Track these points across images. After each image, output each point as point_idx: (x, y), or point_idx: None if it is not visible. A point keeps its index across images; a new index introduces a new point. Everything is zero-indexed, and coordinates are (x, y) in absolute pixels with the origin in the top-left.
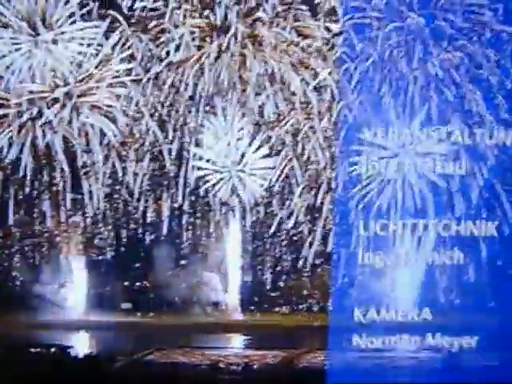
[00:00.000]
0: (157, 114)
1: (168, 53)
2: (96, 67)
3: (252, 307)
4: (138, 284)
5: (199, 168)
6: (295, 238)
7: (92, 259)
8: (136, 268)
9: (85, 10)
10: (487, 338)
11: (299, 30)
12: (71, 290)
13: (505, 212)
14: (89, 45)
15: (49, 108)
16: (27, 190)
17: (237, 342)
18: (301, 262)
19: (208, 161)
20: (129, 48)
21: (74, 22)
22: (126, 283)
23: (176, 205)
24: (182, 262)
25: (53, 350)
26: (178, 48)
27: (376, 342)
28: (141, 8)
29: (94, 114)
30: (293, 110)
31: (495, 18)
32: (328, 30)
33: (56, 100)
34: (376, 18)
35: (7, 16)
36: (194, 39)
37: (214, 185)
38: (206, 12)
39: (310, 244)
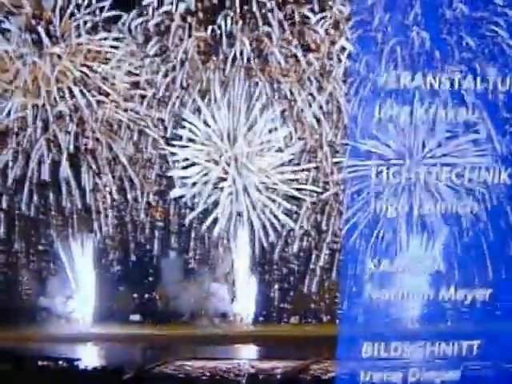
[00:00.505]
0: (162, 127)
1: (174, 67)
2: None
3: (261, 318)
4: (146, 296)
5: (206, 182)
6: (303, 250)
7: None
8: (145, 280)
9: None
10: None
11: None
12: (79, 302)
13: None
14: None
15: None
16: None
17: (245, 353)
18: (309, 274)
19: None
20: (134, 62)
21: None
22: (135, 295)
23: (184, 219)
24: (191, 273)
25: (61, 362)
26: (182, 62)
27: None
28: (145, 22)
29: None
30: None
31: None
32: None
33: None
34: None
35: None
36: (199, 53)
37: (221, 197)
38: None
39: (317, 256)
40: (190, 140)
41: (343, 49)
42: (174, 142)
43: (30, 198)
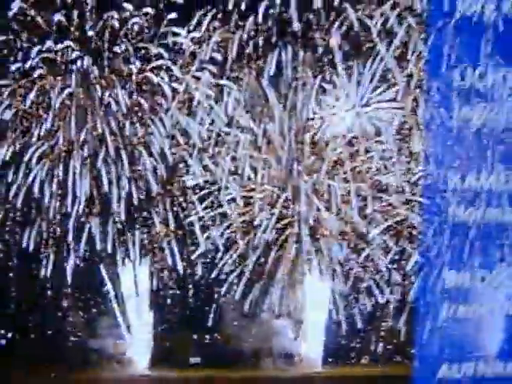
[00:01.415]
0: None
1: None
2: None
3: (329, 358)
4: (207, 337)
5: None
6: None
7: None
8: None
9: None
10: None
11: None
12: (135, 344)
13: None
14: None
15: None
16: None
17: None
18: (379, 312)
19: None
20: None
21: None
22: (195, 336)
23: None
24: (254, 313)
25: None
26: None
27: None
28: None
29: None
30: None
31: None
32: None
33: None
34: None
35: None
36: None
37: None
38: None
39: (390, 290)
40: (249, 178)
41: (411, 76)
42: (233, 177)
43: (78, 237)
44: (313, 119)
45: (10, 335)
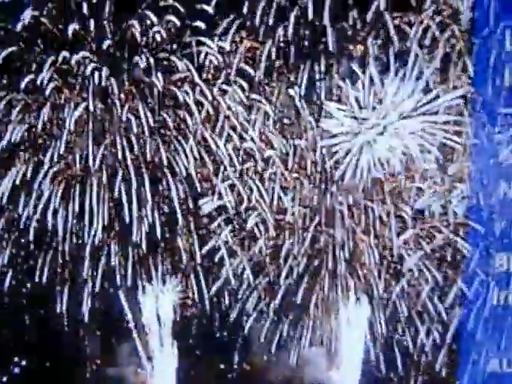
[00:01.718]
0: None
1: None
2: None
3: None
4: (235, 367)
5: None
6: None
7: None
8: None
9: None
10: None
11: None
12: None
13: None
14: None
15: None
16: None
17: None
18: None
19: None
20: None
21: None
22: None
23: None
24: (285, 340)
25: None
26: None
27: None
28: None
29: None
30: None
31: None
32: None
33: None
34: None
35: None
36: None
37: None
38: None
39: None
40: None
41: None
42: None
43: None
44: (347, 134)
45: (24, 363)
